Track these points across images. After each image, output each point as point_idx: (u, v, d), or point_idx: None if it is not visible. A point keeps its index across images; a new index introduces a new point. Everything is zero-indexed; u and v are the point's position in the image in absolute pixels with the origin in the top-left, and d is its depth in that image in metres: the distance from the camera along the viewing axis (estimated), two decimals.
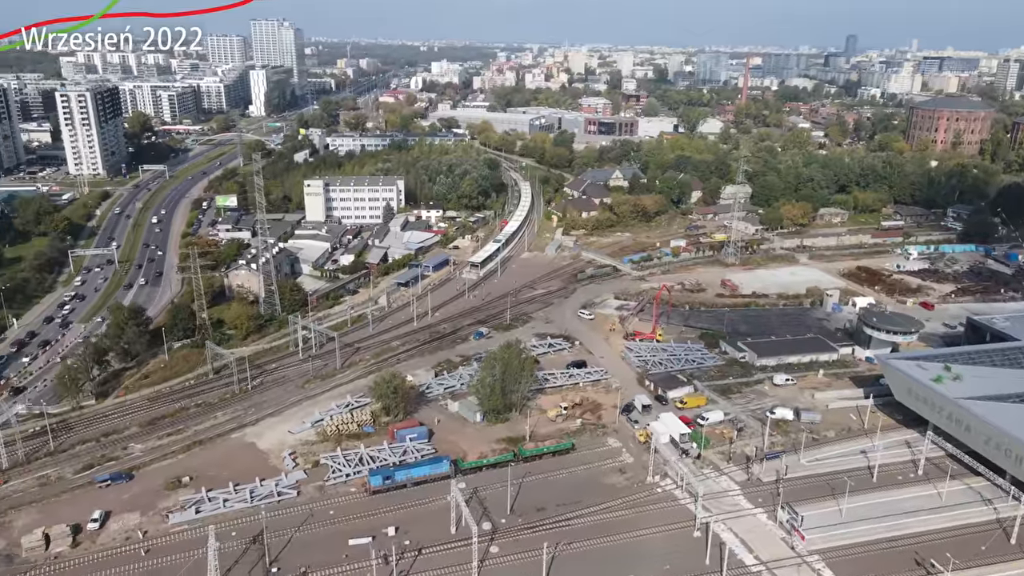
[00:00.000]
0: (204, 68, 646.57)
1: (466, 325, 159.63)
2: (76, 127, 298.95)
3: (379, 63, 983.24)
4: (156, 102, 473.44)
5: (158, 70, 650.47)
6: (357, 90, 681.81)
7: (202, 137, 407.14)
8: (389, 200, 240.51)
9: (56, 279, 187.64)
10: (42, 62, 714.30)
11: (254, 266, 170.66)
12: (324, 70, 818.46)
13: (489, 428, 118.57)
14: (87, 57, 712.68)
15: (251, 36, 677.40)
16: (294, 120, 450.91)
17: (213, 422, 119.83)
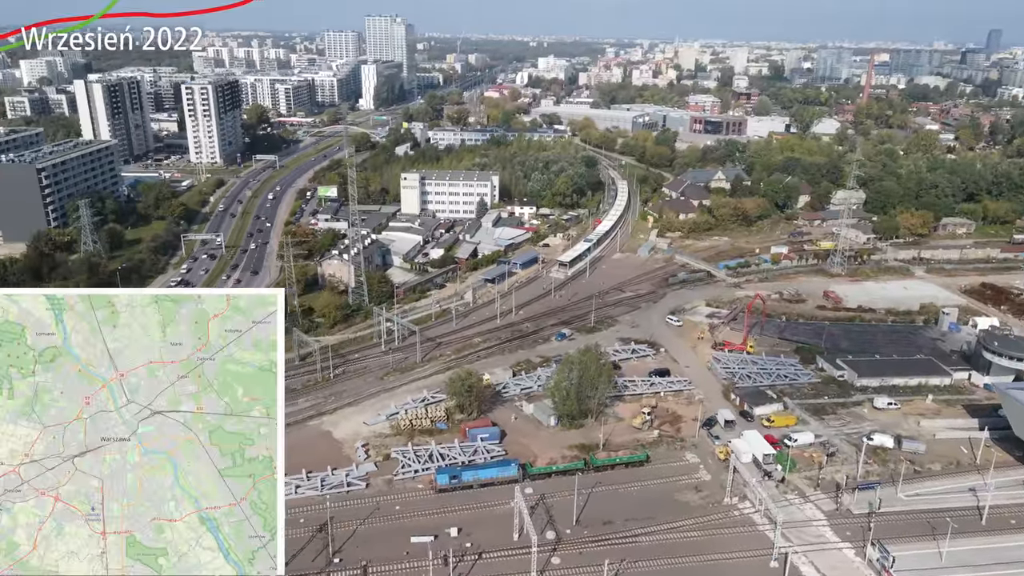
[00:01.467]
0: (320, 63, 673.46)
1: (549, 325, 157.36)
2: (198, 118, 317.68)
3: (487, 58, 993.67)
4: (274, 95, 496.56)
5: (278, 64, 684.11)
6: (464, 85, 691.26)
7: (312, 129, 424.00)
8: (483, 195, 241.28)
9: (169, 261, 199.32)
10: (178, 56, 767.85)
11: (346, 256, 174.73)
12: (433, 65, 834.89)
13: (562, 433, 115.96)
14: (216, 52, 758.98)
15: (365, 31, 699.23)
16: (400, 114, 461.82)
17: (294, 408, 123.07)
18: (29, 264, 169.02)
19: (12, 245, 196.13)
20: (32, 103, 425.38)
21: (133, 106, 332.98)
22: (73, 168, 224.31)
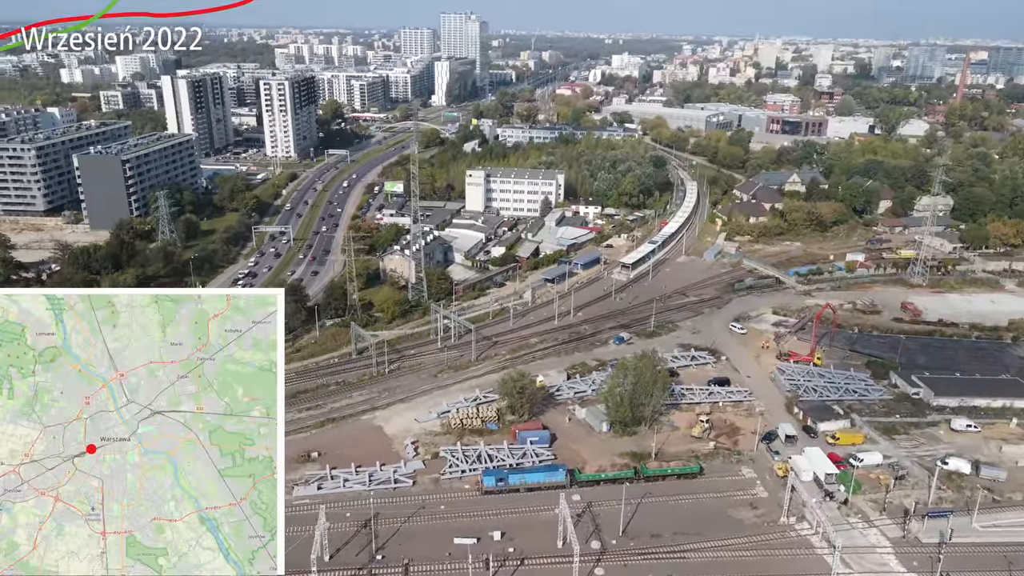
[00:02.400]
0: (395, 59, 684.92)
1: (607, 328, 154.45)
2: (275, 113, 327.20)
3: (561, 55, 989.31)
4: (349, 91, 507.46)
5: (355, 61, 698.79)
6: (536, 82, 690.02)
7: (385, 125, 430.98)
8: (548, 194, 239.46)
9: (240, 252, 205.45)
10: (263, 53, 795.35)
11: (407, 252, 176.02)
12: (507, 62, 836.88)
13: (614, 440, 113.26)
14: (297, 49, 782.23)
15: (440, 29, 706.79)
16: (471, 110, 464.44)
17: (348, 401, 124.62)
18: (110, 251, 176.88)
19: (97, 232, 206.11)
20: (125, 97, 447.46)
21: (215, 101, 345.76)
22: (155, 160, 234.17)
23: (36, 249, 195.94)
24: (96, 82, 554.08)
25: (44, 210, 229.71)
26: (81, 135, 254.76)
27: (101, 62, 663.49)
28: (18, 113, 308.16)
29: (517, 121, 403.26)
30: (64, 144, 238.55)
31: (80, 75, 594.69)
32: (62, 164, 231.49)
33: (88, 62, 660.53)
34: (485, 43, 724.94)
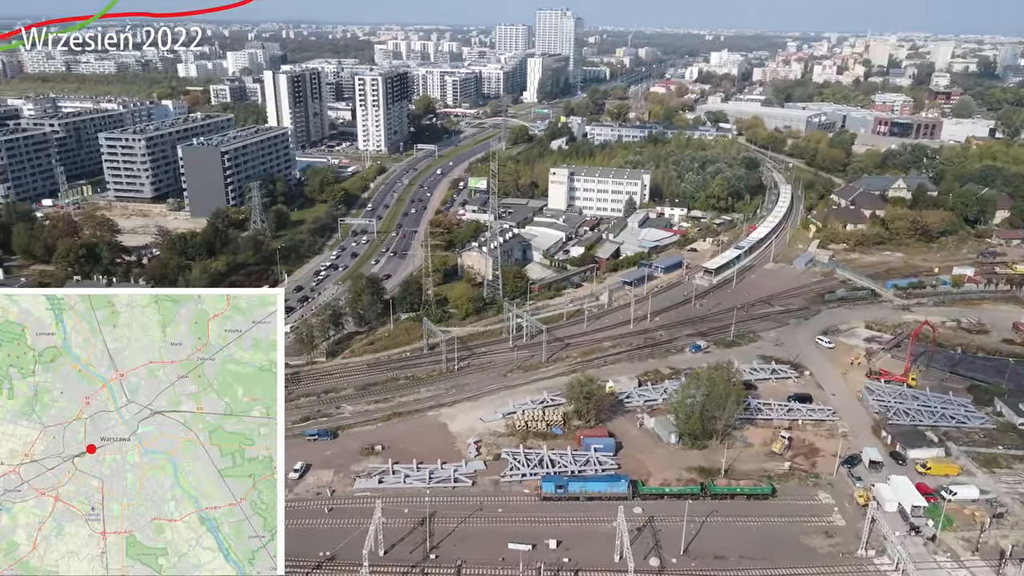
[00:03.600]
0: (489, 56, 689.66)
1: (684, 335, 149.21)
2: (368, 107, 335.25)
3: (658, 52, 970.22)
4: (443, 86, 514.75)
5: (451, 57, 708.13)
6: (630, 80, 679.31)
7: (475, 120, 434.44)
8: (632, 194, 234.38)
9: (326, 243, 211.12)
10: (364, 49, 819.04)
11: (485, 249, 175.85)
12: (601, 59, 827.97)
13: (682, 453, 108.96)
14: (395, 45, 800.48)
15: (535, 25, 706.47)
16: (561, 107, 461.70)
17: (415, 396, 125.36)
18: (205, 239, 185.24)
19: (197, 220, 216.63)
20: (232, 91, 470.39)
21: (313, 95, 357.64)
22: (252, 152, 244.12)
23: (141, 234, 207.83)
24: (208, 76, 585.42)
25: (151, 197, 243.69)
26: (187, 127, 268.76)
27: (215, 57, 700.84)
28: (134, 105, 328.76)
29: (607, 119, 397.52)
30: (171, 135, 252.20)
31: (195, 70, 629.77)
32: (169, 154, 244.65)
33: (203, 57, 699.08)
34: (580, 39, 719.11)
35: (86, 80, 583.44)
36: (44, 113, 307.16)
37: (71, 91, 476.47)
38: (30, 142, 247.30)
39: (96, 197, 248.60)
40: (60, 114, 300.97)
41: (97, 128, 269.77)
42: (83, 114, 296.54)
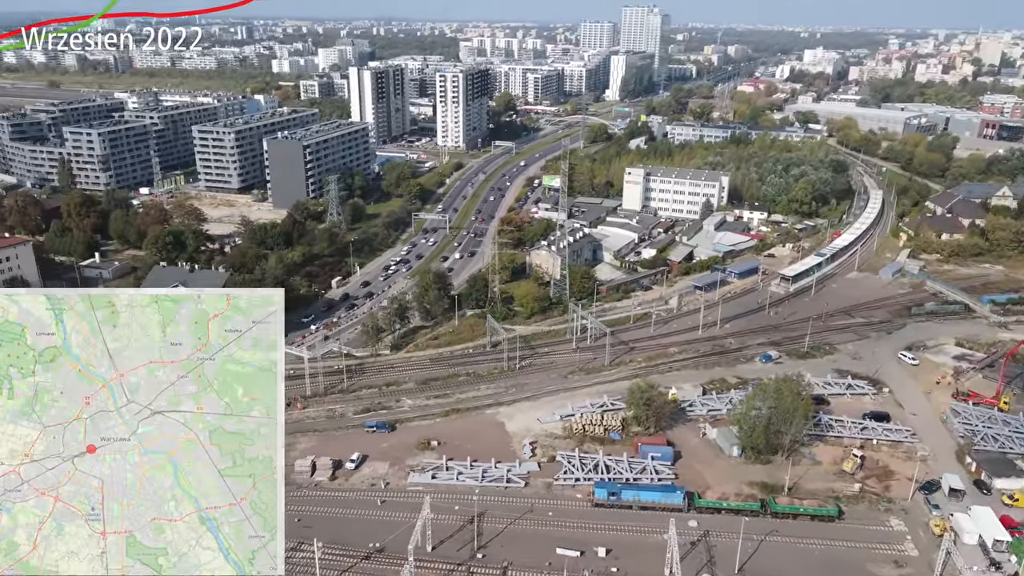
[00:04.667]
0: (573, 53, 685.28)
1: (755, 344, 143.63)
2: (448, 103, 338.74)
3: (749, 50, 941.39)
4: (524, 83, 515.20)
5: (534, 54, 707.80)
6: (717, 78, 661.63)
7: (555, 118, 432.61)
8: (710, 196, 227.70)
9: (399, 237, 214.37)
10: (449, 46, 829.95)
11: (554, 248, 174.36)
12: (688, 56, 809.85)
13: (744, 466, 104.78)
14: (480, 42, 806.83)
15: (620, 22, 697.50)
16: (643, 106, 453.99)
17: (475, 393, 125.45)
18: (283, 229, 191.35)
19: (279, 211, 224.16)
20: (321, 87, 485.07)
21: (395, 91, 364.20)
22: (333, 146, 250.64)
23: (226, 223, 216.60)
24: (300, 72, 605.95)
25: (238, 188, 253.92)
26: (274, 121, 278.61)
27: (307, 54, 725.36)
28: (228, 99, 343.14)
29: (689, 118, 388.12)
30: (259, 129, 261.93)
31: (288, 66, 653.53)
32: (256, 147, 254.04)
33: (296, 54, 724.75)
34: (667, 37, 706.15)
35: (188, 75, 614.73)
36: (146, 106, 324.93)
37: (174, 85, 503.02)
38: (131, 133, 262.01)
39: (188, 187, 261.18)
40: (160, 107, 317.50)
41: (192, 121, 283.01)
42: (180, 107, 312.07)
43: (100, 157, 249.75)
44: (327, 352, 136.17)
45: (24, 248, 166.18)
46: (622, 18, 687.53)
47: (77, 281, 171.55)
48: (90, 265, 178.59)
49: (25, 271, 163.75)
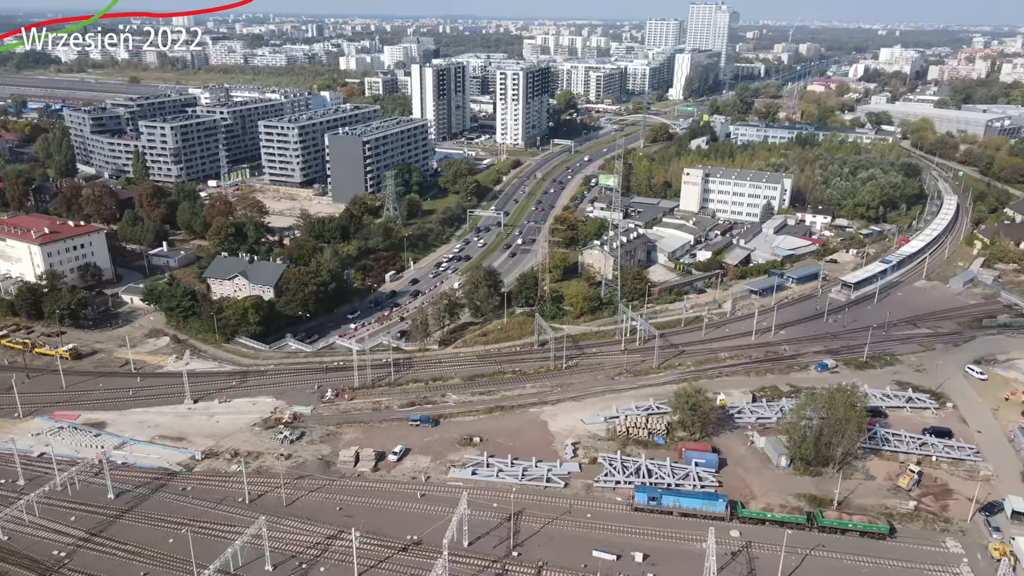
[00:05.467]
0: (637, 51, 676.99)
1: (811, 352, 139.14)
2: (507, 101, 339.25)
3: (821, 48, 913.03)
4: (586, 81, 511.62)
5: (598, 52, 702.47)
6: (785, 77, 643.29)
7: (615, 117, 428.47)
8: (771, 199, 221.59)
9: (454, 233, 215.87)
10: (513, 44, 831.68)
11: (606, 248, 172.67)
12: (757, 55, 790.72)
13: (792, 478, 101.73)
14: (544, 40, 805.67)
15: (687, 20, 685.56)
16: (707, 105, 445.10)
17: (520, 391, 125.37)
18: (340, 223, 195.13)
19: (338, 205, 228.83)
20: (384, 84, 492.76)
21: (456, 89, 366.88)
22: (392, 142, 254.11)
23: (287, 216, 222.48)
24: (365, 69, 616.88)
25: (300, 182, 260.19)
26: (336, 117, 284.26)
27: (373, 51, 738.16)
28: (294, 96, 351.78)
29: (753, 118, 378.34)
30: (321, 124, 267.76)
31: (354, 63, 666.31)
32: (318, 142, 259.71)
33: (363, 51, 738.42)
34: (735, 34, 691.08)
35: (260, 72, 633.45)
36: (217, 102, 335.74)
37: (246, 82, 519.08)
38: (201, 128, 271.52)
39: (253, 180, 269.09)
40: (230, 103, 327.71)
41: (260, 116, 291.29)
42: (249, 103, 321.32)
43: (172, 150, 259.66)
44: (376, 345, 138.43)
45: (98, 236, 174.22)
46: (689, 15, 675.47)
47: (145, 269, 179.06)
48: (158, 254, 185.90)
49: (98, 258, 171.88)
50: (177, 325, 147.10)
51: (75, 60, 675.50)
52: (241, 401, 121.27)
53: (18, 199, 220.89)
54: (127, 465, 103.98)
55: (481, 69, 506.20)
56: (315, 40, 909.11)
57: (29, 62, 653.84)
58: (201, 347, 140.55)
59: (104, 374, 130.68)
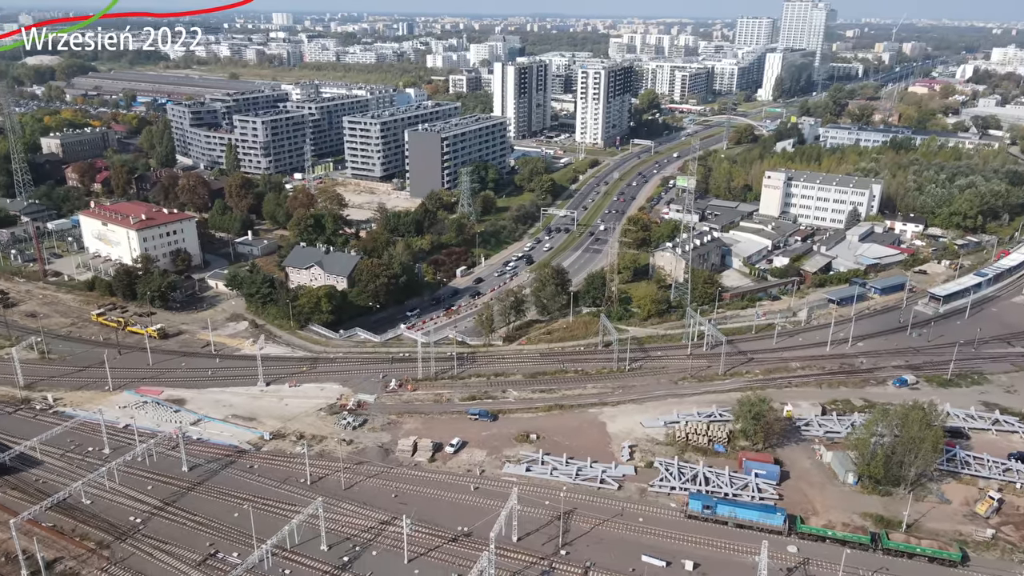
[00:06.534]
0: (727, 50, 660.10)
1: (890, 366, 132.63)
2: (588, 100, 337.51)
3: (927, 48, 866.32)
4: (671, 81, 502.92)
5: (685, 51, 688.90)
6: (885, 78, 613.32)
7: (699, 117, 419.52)
8: (857, 204, 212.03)
9: (526, 231, 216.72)
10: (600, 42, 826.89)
11: (679, 250, 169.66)
12: (855, 54, 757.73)
13: (859, 496, 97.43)
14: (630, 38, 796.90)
15: (780, 18, 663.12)
16: (797, 106, 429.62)
17: (581, 391, 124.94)
18: (415, 218, 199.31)
19: (415, 200, 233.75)
20: (468, 81, 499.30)
21: (538, 87, 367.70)
22: (470, 139, 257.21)
23: (365, 209, 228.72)
24: (451, 67, 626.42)
25: (380, 176, 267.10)
26: (417, 113, 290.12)
27: (460, 49, 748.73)
28: (379, 92, 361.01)
29: (846, 121, 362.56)
30: (403, 120, 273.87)
31: (441, 61, 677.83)
32: (400, 138, 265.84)
33: (450, 49, 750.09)
34: (832, 33, 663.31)
35: (350, 69, 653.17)
36: (307, 97, 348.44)
37: (336, 78, 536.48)
38: (290, 123, 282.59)
39: (336, 173, 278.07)
40: (319, 99, 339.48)
41: (345, 112, 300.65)
42: (336, 99, 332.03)
43: (262, 143, 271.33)
44: (441, 339, 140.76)
45: (189, 223, 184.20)
46: (782, 13, 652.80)
47: (231, 256, 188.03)
48: (243, 242, 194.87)
49: (188, 244, 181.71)
50: (256, 310, 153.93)
51: (182, 57, 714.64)
52: (309, 386, 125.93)
53: (122, 187, 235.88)
54: (201, 441, 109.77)
55: (565, 68, 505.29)
56: (405, 38, 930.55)
57: (141, 59, 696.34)
58: (276, 332, 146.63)
59: (187, 354, 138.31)
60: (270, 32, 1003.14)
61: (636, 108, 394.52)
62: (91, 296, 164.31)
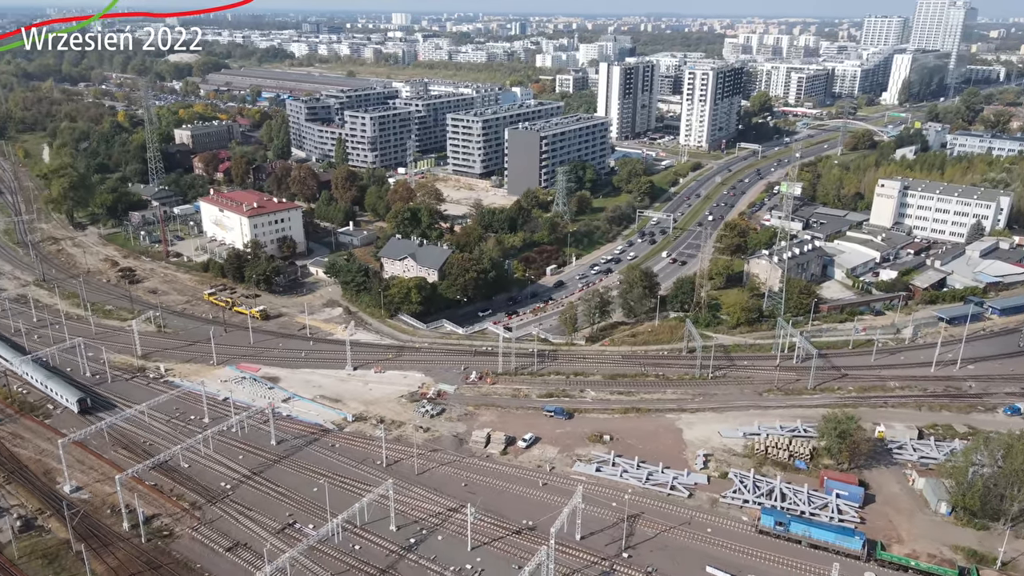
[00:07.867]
0: (850, 51, 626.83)
1: (1002, 392, 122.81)
2: (694, 102, 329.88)
3: None
4: (787, 83, 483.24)
5: (805, 52, 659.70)
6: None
7: (814, 121, 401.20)
8: (982, 217, 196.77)
9: (620, 232, 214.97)
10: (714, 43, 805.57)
11: (775, 258, 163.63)
12: (997, 56, 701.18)
13: (951, 527, 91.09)
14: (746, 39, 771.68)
15: (912, 17, 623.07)
16: (925, 111, 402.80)
17: (659, 396, 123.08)
18: (509, 214, 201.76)
19: (511, 197, 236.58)
20: (575, 81, 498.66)
21: (644, 88, 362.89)
22: (569, 138, 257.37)
23: (462, 205, 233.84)
24: (560, 67, 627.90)
25: (479, 173, 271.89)
26: (519, 112, 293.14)
27: (570, 49, 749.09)
28: (485, 91, 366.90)
29: (979, 128, 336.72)
30: (504, 119, 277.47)
31: (550, 60, 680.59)
32: (501, 136, 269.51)
33: (560, 49, 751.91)
34: (971, 33, 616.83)
35: (461, 68, 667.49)
36: (416, 95, 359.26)
37: (448, 77, 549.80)
38: (397, 119, 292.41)
39: (437, 169, 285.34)
40: (427, 96, 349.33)
41: (451, 109, 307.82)
42: (443, 97, 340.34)
43: (369, 138, 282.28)
44: (524, 335, 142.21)
45: (295, 212, 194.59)
46: (915, 12, 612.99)
47: (333, 245, 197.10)
48: (345, 232, 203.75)
49: (294, 232, 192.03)
50: (350, 298, 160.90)
51: (305, 55, 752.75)
52: (393, 373, 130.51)
53: (240, 176, 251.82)
54: (290, 417, 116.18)
55: (675, 68, 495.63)
56: (516, 38, 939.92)
57: (268, 56, 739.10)
58: (367, 320, 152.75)
59: (284, 335, 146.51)
60: (388, 32, 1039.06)
61: (746, 111, 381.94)
62: (205, 277, 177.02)
